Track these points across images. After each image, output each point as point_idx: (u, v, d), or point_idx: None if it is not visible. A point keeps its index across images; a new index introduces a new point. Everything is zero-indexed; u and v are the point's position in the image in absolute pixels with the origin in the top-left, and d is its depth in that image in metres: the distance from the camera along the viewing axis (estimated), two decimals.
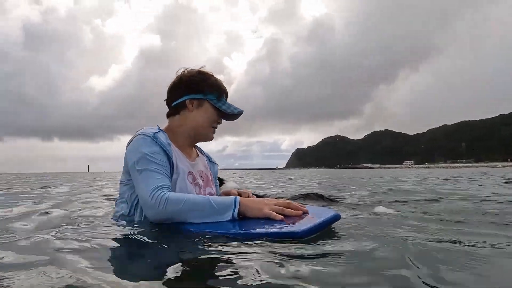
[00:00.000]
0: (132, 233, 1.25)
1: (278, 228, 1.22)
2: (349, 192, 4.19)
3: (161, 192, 1.31)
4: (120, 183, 1.53)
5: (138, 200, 1.43)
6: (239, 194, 1.70)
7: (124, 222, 1.45)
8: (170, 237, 1.22)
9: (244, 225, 1.27)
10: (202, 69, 1.68)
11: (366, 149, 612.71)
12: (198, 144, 1.78)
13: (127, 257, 1.07)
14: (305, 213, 1.36)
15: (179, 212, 1.29)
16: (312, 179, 9.63)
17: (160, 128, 1.57)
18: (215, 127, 1.67)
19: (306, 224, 1.24)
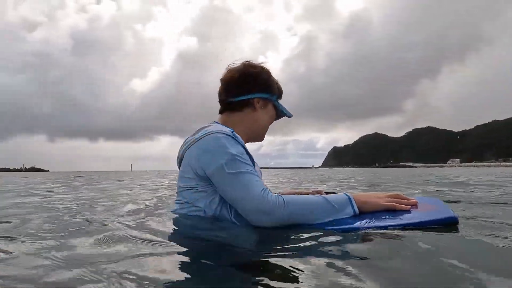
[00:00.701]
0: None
1: (431, 216, 1.18)
2: (376, 188, 4.10)
3: (273, 195, 1.17)
4: (187, 189, 1.32)
5: (222, 207, 1.27)
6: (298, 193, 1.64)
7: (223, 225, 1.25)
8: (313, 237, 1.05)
9: (376, 218, 1.19)
10: (263, 65, 1.53)
11: (407, 147, 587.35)
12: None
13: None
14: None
15: (301, 214, 1.17)
16: (343, 177, 9.30)
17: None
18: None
19: (444, 211, 1.22)
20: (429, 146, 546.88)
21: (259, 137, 1.54)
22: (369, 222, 1.15)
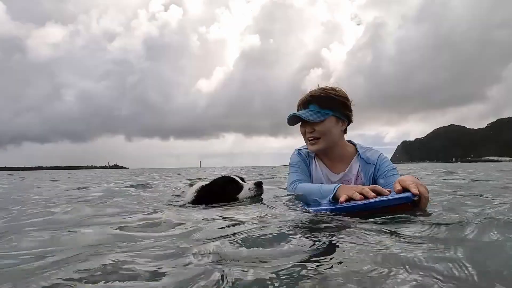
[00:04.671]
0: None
1: (384, 197, 1.39)
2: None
3: (295, 183, 1.94)
4: None
5: None
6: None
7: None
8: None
9: (336, 204, 1.51)
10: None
11: (490, 140, 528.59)
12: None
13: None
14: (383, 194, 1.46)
15: (303, 196, 1.83)
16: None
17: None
18: (309, 138, 1.95)
19: (397, 195, 1.39)
20: None
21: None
22: (327, 206, 1.54)
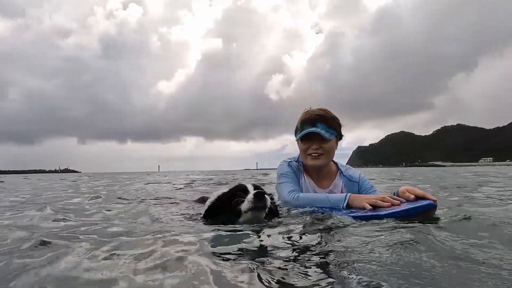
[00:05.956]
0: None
1: (412, 205, 1.50)
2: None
3: (294, 193, 2.00)
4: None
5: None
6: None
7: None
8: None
9: (360, 211, 1.64)
10: (307, 108, 2.17)
11: (435, 146, 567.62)
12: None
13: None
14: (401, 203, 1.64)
15: (307, 204, 1.90)
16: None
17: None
18: (312, 154, 2.08)
19: (423, 201, 1.51)
20: (459, 144, 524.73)
21: (308, 166, 2.18)
22: (354, 213, 1.64)
